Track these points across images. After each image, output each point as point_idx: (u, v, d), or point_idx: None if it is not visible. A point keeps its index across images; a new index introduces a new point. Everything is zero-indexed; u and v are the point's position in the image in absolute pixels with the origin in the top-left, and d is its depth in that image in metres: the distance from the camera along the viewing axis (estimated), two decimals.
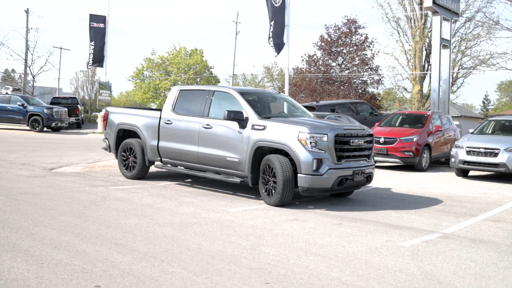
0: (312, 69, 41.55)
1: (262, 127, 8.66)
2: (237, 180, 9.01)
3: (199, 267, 4.92)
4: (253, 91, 10.37)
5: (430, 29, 37.60)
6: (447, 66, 19.89)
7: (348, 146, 8.51)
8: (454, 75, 38.06)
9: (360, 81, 40.93)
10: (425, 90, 38.38)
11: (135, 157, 10.67)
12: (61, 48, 56.49)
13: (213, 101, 9.64)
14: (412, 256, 5.70)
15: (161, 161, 10.35)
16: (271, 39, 21.40)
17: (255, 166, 8.77)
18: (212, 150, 9.28)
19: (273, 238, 6.26)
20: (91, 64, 30.94)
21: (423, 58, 37.91)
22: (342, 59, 41.53)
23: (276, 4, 21.82)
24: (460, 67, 37.83)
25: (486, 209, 8.95)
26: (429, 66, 38.31)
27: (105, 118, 11.47)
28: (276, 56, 20.66)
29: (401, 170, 14.83)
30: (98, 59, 30.38)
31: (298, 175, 8.17)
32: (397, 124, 16.27)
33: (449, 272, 5.19)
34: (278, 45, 21.58)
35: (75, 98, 34.80)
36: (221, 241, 5.97)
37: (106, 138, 11.43)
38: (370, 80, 41.00)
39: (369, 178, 8.97)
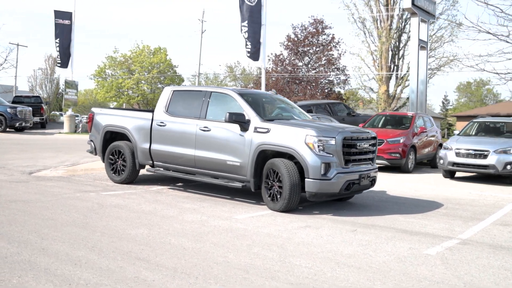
0: (278, 68, 41.44)
1: (266, 130, 8.33)
2: (239, 185, 8.66)
3: (238, 283, 4.58)
4: (251, 92, 10.02)
5: (396, 31, 38.01)
6: (424, 67, 20.02)
7: (355, 149, 8.29)
8: None
9: (326, 81, 41.13)
10: (391, 90, 38.79)
11: (124, 160, 10.16)
12: (17, 45, 54.75)
13: (210, 102, 9.24)
14: (444, 265, 5.51)
15: (153, 165, 9.88)
16: (247, 39, 21.11)
17: (258, 170, 8.45)
18: (211, 154, 8.89)
19: (296, 248, 5.96)
20: (59, 64, 29.79)
21: (389, 58, 38.29)
22: (309, 59, 41.60)
23: (251, 3, 21.52)
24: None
25: (489, 212, 8.91)
26: (395, 67, 38.74)
27: (91, 120, 10.88)
28: (249, 56, 20.43)
29: (387, 171, 14.75)
30: (65, 58, 29.23)
31: (306, 179, 7.89)
32: (380, 125, 16.20)
33: (491, 283, 5.02)
34: (254, 45, 21.31)
35: (39, 97, 33.53)
36: (245, 252, 5.64)
37: (91, 141, 10.83)
38: (337, 80, 41.26)
39: (373, 182, 8.80)
